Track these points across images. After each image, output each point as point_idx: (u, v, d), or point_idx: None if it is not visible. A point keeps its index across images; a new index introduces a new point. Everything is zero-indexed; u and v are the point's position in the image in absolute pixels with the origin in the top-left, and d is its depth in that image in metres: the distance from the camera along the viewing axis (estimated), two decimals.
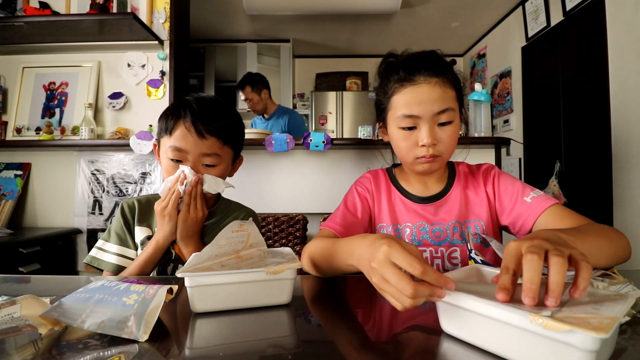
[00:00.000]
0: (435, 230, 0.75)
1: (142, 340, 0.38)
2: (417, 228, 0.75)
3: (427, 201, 0.77)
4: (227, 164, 0.78)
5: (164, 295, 0.41)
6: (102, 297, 0.42)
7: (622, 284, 0.46)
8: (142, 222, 0.80)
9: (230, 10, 3.37)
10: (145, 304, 0.40)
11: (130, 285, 0.45)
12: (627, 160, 2.01)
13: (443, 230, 0.74)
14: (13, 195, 1.75)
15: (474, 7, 3.23)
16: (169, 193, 0.72)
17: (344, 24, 3.60)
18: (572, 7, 2.45)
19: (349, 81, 4.12)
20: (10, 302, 0.40)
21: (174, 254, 0.77)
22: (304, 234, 1.21)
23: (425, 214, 0.76)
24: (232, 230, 0.53)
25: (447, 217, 0.75)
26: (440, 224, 0.75)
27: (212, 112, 0.74)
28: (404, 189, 0.79)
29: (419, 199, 0.77)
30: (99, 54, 1.90)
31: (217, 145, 0.74)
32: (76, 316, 0.40)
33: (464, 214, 0.75)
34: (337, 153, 1.63)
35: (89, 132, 1.72)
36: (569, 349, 0.29)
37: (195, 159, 0.73)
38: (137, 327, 0.38)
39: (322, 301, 0.56)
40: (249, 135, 1.62)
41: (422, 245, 0.75)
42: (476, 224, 0.74)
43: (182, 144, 0.72)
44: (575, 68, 2.47)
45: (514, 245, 0.37)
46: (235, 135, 0.79)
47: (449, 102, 0.67)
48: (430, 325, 0.43)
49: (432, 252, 0.74)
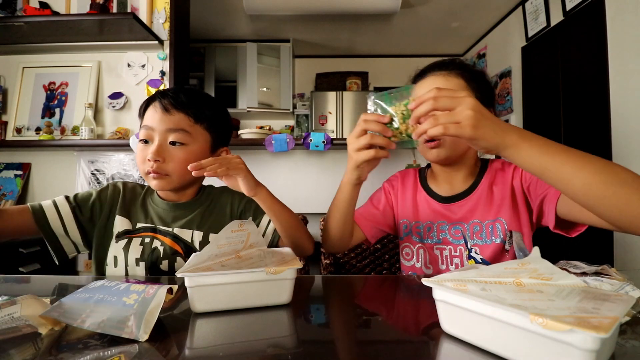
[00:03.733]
0: (454, 229, 0.76)
1: (142, 340, 0.38)
2: (438, 226, 0.77)
3: (449, 200, 0.78)
4: (200, 147, 0.74)
5: (164, 295, 0.41)
6: (102, 297, 0.42)
7: (622, 283, 0.46)
8: (123, 212, 0.77)
9: (230, 10, 3.37)
10: (145, 304, 0.40)
11: (130, 285, 0.45)
12: (627, 161, 2.01)
13: (462, 230, 0.75)
14: (13, 195, 1.75)
15: (474, 7, 3.23)
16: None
17: (344, 24, 3.60)
18: (572, 7, 2.45)
19: (349, 81, 4.12)
20: (10, 302, 0.40)
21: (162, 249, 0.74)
22: None
23: (448, 212, 0.77)
24: (231, 230, 0.53)
25: (469, 216, 0.75)
26: (461, 223, 0.75)
27: (183, 94, 0.73)
28: (430, 188, 0.81)
29: (442, 199, 0.79)
30: (99, 54, 1.90)
31: (185, 121, 0.72)
32: (76, 316, 0.40)
33: (485, 213, 0.74)
34: (337, 153, 1.63)
35: (89, 132, 1.72)
36: (569, 349, 0.29)
37: (161, 136, 0.70)
38: (137, 327, 0.38)
39: (322, 301, 0.56)
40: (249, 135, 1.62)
41: (442, 243, 0.76)
42: (498, 224, 0.72)
43: (149, 122, 0.71)
44: (575, 68, 2.47)
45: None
46: (209, 116, 0.75)
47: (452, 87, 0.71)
48: (430, 325, 0.43)
49: (452, 250, 0.75)
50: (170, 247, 0.75)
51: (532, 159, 0.48)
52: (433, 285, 0.39)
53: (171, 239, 0.76)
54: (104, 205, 0.77)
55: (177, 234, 0.76)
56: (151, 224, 0.77)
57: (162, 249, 0.75)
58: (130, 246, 0.74)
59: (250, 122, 4.16)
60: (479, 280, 0.39)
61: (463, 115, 0.46)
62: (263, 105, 3.87)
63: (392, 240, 1.22)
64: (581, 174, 0.46)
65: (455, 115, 0.46)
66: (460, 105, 0.47)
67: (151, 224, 0.77)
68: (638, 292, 0.44)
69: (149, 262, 0.74)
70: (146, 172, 0.72)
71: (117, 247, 0.74)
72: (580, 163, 0.47)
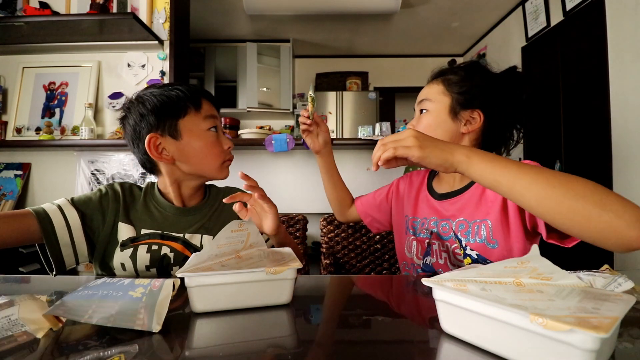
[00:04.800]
0: (442, 225, 0.78)
1: (156, 331, 0.39)
2: (430, 222, 0.81)
3: (443, 197, 0.81)
4: None
5: (170, 287, 0.42)
6: (107, 293, 0.42)
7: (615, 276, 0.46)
8: (125, 218, 0.73)
9: (230, 10, 3.37)
10: (153, 296, 0.41)
11: (134, 280, 0.45)
12: (627, 161, 2.01)
13: (449, 226, 0.77)
14: (13, 195, 1.75)
15: (474, 7, 3.24)
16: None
17: (344, 24, 3.60)
18: (572, 7, 2.45)
19: (349, 81, 4.12)
20: (7, 303, 0.39)
21: (172, 255, 0.73)
22: (304, 234, 1.21)
23: (441, 209, 0.80)
24: (231, 230, 0.53)
25: (457, 214, 0.77)
26: (449, 220, 0.78)
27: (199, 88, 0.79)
28: (432, 186, 0.86)
29: (438, 196, 0.82)
30: (99, 54, 1.90)
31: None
32: (82, 312, 0.40)
33: (473, 212, 0.75)
34: (337, 153, 1.63)
35: (89, 132, 1.72)
36: (569, 349, 0.29)
37: (219, 127, 0.79)
38: (149, 319, 0.39)
39: (322, 301, 0.56)
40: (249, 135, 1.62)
41: (432, 237, 0.79)
42: (483, 224, 0.73)
43: (213, 111, 0.77)
44: (575, 68, 2.47)
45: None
46: None
47: (429, 95, 0.80)
48: (430, 325, 0.43)
49: (440, 245, 0.78)
50: (181, 252, 0.74)
51: (485, 172, 0.53)
52: (433, 285, 0.39)
53: (182, 245, 0.74)
54: (106, 213, 0.72)
55: (187, 240, 0.75)
56: (158, 229, 0.74)
57: (173, 255, 0.73)
58: (137, 254, 0.71)
59: (250, 122, 4.16)
60: (479, 280, 0.39)
61: (408, 141, 0.56)
62: (263, 105, 3.87)
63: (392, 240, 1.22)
64: (534, 188, 0.48)
65: (402, 141, 0.56)
66: (404, 134, 0.57)
67: (158, 229, 0.74)
68: (631, 283, 0.44)
69: (160, 269, 0.72)
70: (222, 161, 0.77)
71: (124, 256, 0.71)
72: (533, 177, 0.48)
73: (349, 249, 1.19)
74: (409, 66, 4.49)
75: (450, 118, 0.77)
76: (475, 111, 0.76)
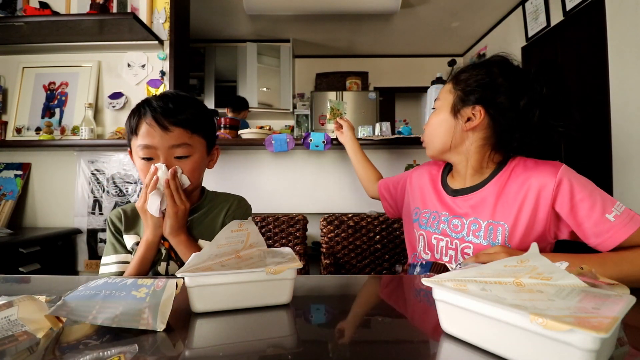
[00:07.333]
0: (454, 222, 0.77)
1: (160, 330, 0.39)
2: (440, 217, 0.80)
3: (456, 194, 0.79)
4: (200, 154, 0.77)
5: (174, 286, 0.42)
6: (110, 293, 0.42)
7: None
8: (129, 230, 0.81)
9: (230, 10, 3.37)
10: (157, 296, 0.41)
11: (137, 279, 0.45)
12: (627, 161, 2.01)
13: (461, 224, 0.75)
14: (13, 195, 1.75)
15: (474, 7, 3.24)
16: (144, 190, 0.72)
17: (344, 24, 3.60)
18: (572, 7, 2.45)
19: (349, 81, 4.12)
20: (7, 304, 0.39)
21: (164, 252, 0.78)
22: (304, 234, 1.21)
23: (453, 205, 0.79)
24: (231, 230, 0.53)
25: (470, 212, 0.75)
26: (461, 217, 0.76)
27: (172, 105, 0.73)
28: (445, 181, 0.84)
29: (452, 191, 0.81)
30: (99, 54, 1.90)
31: (184, 135, 0.73)
32: (86, 313, 0.40)
33: (489, 213, 0.72)
34: (337, 153, 1.63)
35: (89, 132, 1.72)
36: (569, 349, 0.29)
37: (166, 152, 0.72)
38: (153, 318, 0.39)
39: (322, 301, 0.56)
40: (249, 136, 1.62)
41: (440, 234, 0.78)
42: (499, 227, 0.70)
43: (149, 141, 0.71)
44: (575, 68, 2.47)
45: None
46: (203, 124, 0.78)
47: (440, 94, 0.81)
48: (430, 325, 0.43)
49: (448, 242, 0.77)
50: (167, 250, 0.78)
51: None
52: (433, 285, 0.39)
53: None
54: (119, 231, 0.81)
55: None
56: None
57: (164, 252, 0.78)
58: None
59: (250, 122, 4.16)
60: (479, 280, 0.39)
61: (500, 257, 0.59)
62: (263, 105, 3.87)
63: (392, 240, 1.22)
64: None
65: (493, 255, 0.62)
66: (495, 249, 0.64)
67: None
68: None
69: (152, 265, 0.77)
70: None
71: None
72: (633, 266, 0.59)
73: (349, 249, 1.19)
74: (409, 66, 4.49)
75: (451, 116, 0.76)
76: (476, 107, 0.73)
